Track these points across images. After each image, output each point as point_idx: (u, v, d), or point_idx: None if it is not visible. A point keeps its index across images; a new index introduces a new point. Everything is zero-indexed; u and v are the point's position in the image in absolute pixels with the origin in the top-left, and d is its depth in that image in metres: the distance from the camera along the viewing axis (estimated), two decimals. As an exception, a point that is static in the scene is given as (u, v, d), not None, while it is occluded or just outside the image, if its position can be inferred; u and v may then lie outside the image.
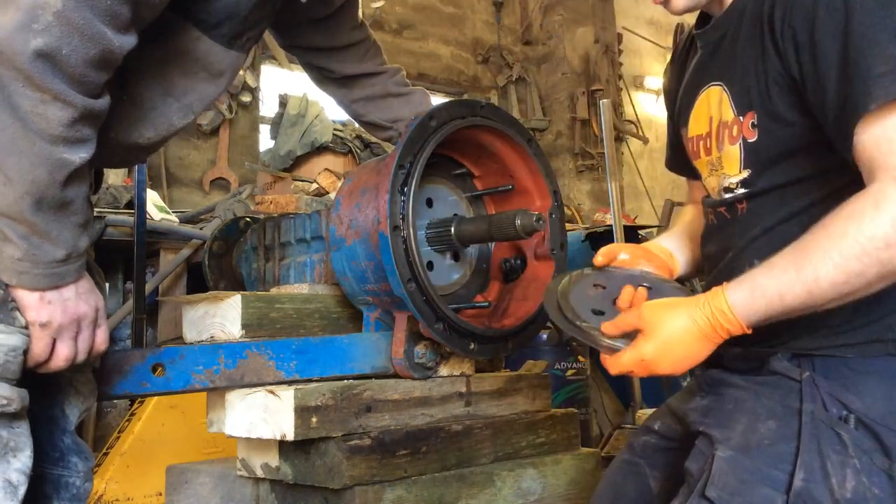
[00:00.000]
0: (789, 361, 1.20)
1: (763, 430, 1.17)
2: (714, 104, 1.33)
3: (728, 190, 1.32)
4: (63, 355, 1.16)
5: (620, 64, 7.00)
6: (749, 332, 1.14)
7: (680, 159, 1.55)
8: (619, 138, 6.60)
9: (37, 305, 1.13)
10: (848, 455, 1.11)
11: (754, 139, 1.24)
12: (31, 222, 1.09)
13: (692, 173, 1.54)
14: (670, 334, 1.16)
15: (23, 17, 1.01)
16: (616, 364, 1.21)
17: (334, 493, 1.49)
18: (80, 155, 1.09)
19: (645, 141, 7.12)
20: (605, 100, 4.69)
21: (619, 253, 1.47)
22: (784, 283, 1.09)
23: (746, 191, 1.28)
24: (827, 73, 1.07)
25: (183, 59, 1.35)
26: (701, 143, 1.39)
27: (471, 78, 6.71)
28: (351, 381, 1.60)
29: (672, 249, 1.54)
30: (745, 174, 1.27)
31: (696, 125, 1.39)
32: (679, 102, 1.47)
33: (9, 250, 1.10)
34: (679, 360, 1.17)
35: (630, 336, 1.20)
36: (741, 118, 1.26)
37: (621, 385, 4.81)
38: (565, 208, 3.13)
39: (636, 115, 7.12)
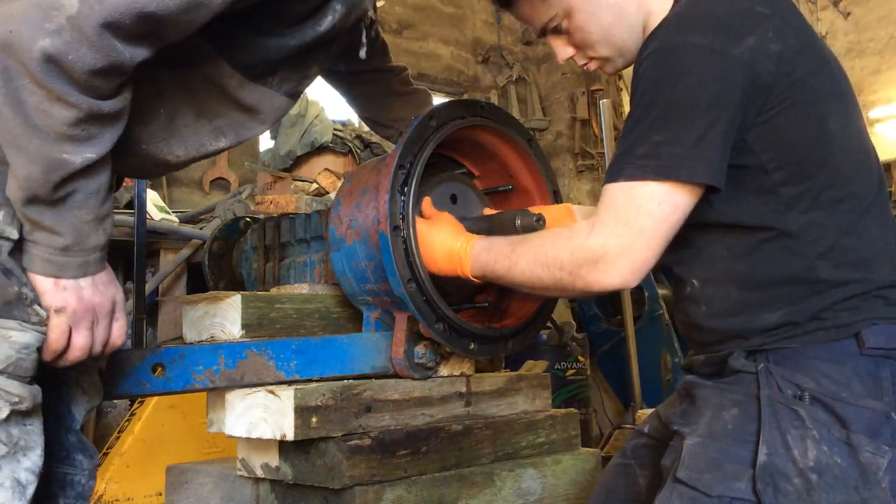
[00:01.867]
0: (745, 359, 1.29)
1: (727, 417, 1.26)
2: None
3: None
4: (79, 345, 1.16)
5: (620, 64, 6.99)
6: (471, 276, 1.49)
7: None
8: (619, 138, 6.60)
9: (52, 290, 1.12)
10: (806, 428, 1.18)
11: None
12: (23, 213, 1.09)
13: None
14: (436, 237, 1.55)
15: (36, 13, 1.00)
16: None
17: (334, 493, 1.49)
18: (84, 155, 1.08)
19: (645, 141, 7.11)
20: (605, 100, 4.70)
21: None
22: (501, 255, 1.41)
23: None
24: (624, 129, 1.30)
25: (215, 87, 1.34)
26: None
27: (471, 78, 6.70)
28: (351, 381, 1.60)
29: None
30: None
31: None
32: None
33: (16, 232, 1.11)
34: (431, 256, 1.54)
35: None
36: None
37: (621, 385, 4.82)
38: (565, 208, 3.12)
39: (636, 115, 7.11)
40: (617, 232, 1.22)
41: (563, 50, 1.47)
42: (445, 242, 1.54)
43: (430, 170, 1.69)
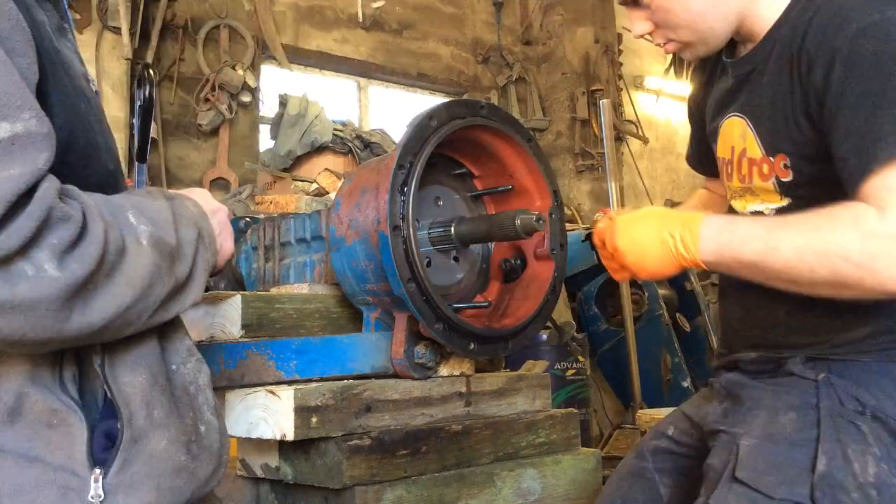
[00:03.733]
0: (804, 365, 1.25)
1: (784, 421, 1.21)
2: (737, 135, 1.37)
3: (759, 213, 1.36)
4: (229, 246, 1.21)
5: (620, 64, 6.99)
6: (702, 263, 1.22)
7: (704, 158, 1.59)
8: (619, 138, 6.59)
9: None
10: (867, 444, 1.15)
11: (789, 178, 1.28)
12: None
13: (712, 173, 1.58)
14: (638, 227, 1.28)
15: None
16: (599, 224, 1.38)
17: (334, 493, 1.49)
18: None
19: (645, 141, 7.11)
20: (605, 100, 4.69)
21: None
22: (752, 236, 1.16)
23: (776, 211, 1.32)
24: (844, 119, 1.13)
25: None
26: (725, 166, 1.44)
27: (471, 78, 6.70)
28: (351, 381, 1.60)
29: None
30: (785, 202, 1.31)
31: (722, 148, 1.43)
32: (708, 116, 1.50)
33: None
34: (639, 251, 1.27)
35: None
36: (771, 158, 1.30)
37: (621, 385, 4.81)
38: (565, 208, 3.13)
39: (636, 115, 7.11)
40: None
41: (640, 24, 1.34)
42: (652, 228, 1.27)
43: (430, 170, 1.69)
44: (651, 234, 1.27)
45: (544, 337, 4.15)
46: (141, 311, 0.91)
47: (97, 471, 0.89)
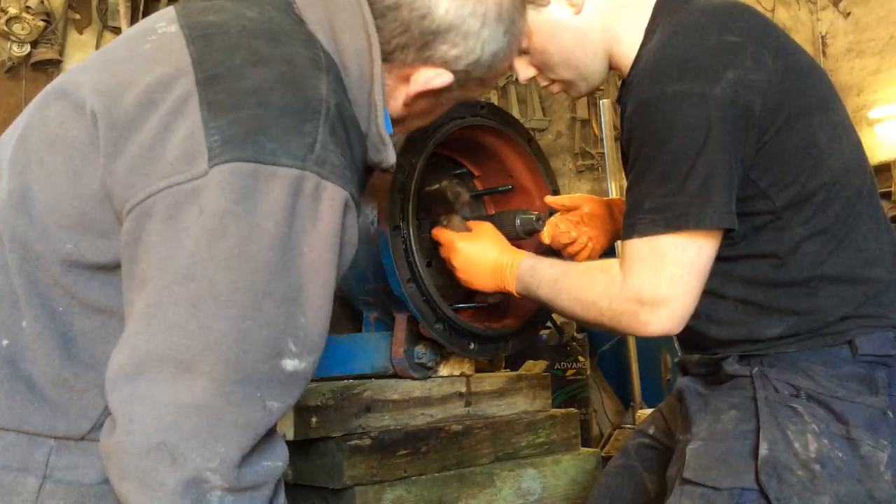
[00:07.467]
0: (739, 363, 1.31)
1: (726, 419, 1.27)
2: None
3: None
4: None
5: (620, 64, 6.99)
6: (515, 292, 1.50)
7: None
8: (619, 138, 6.61)
9: None
10: (805, 423, 1.20)
11: None
12: None
13: None
14: (481, 249, 1.55)
15: None
16: (442, 233, 1.62)
17: (334, 494, 1.49)
18: None
19: (645, 141, 7.11)
20: (605, 100, 4.70)
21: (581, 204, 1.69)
22: (545, 283, 1.42)
23: None
24: (629, 171, 1.31)
25: None
26: None
27: (471, 78, 6.70)
28: (351, 381, 1.60)
29: None
30: None
31: None
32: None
33: None
34: (475, 272, 1.55)
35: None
36: None
37: (621, 385, 4.82)
38: (565, 208, 3.11)
39: (636, 115, 7.11)
40: (650, 283, 1.22)
41: (524, 70, 1.44)
42: (489, 257, 1.53)
43: (430, 169, 1.69)
44: (486, 261, 1.53)
45: (544, 337, 4.15)
46: None
47: None
